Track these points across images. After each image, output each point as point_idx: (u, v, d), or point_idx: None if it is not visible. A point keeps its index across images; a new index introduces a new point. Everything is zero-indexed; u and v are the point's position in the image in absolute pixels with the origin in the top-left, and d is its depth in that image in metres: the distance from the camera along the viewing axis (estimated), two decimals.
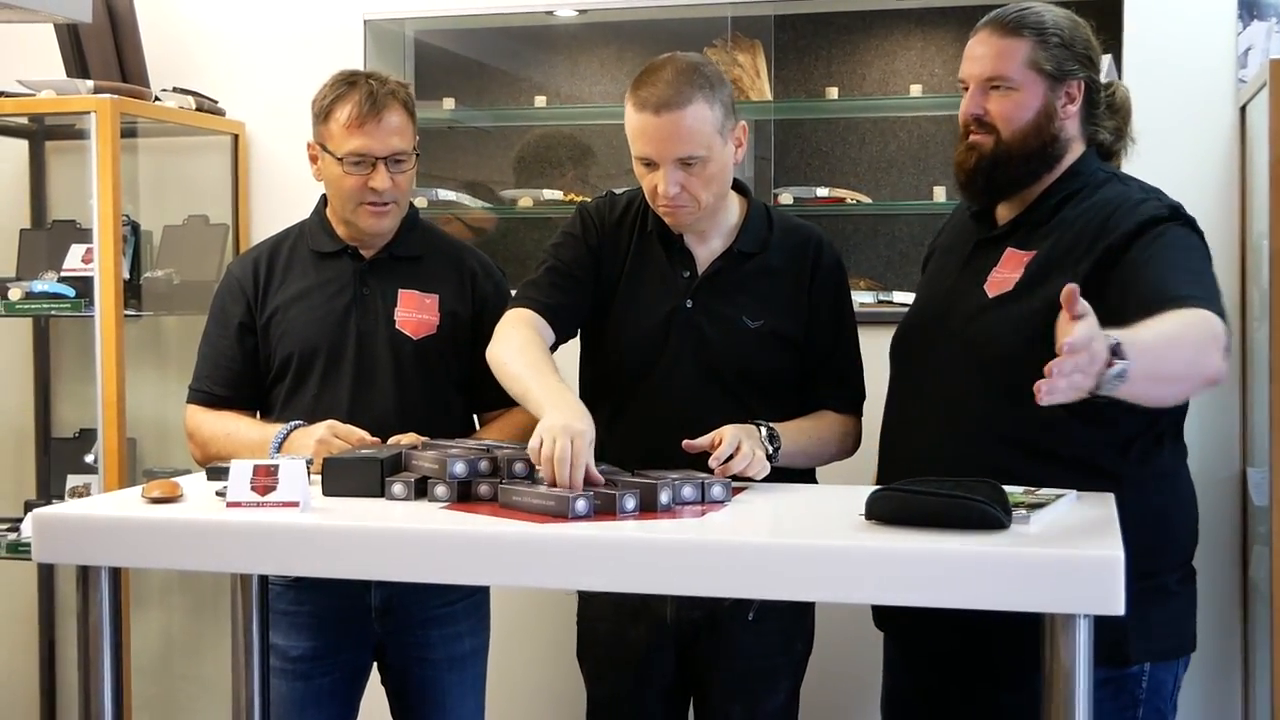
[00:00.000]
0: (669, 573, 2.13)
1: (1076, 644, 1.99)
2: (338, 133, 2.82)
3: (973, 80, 2.59)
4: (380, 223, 2.87)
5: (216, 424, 2.89)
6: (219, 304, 2.98)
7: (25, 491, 4.21)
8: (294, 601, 2.86)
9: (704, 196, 2.66)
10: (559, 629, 3.45)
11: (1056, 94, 2.55)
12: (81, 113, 3.71)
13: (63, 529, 2.35)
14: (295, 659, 2.87)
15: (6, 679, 4.32)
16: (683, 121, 2.60)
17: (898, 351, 2.78)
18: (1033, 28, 2.54)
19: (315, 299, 2.90)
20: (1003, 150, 2.55)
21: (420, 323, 2.91)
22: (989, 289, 2.56)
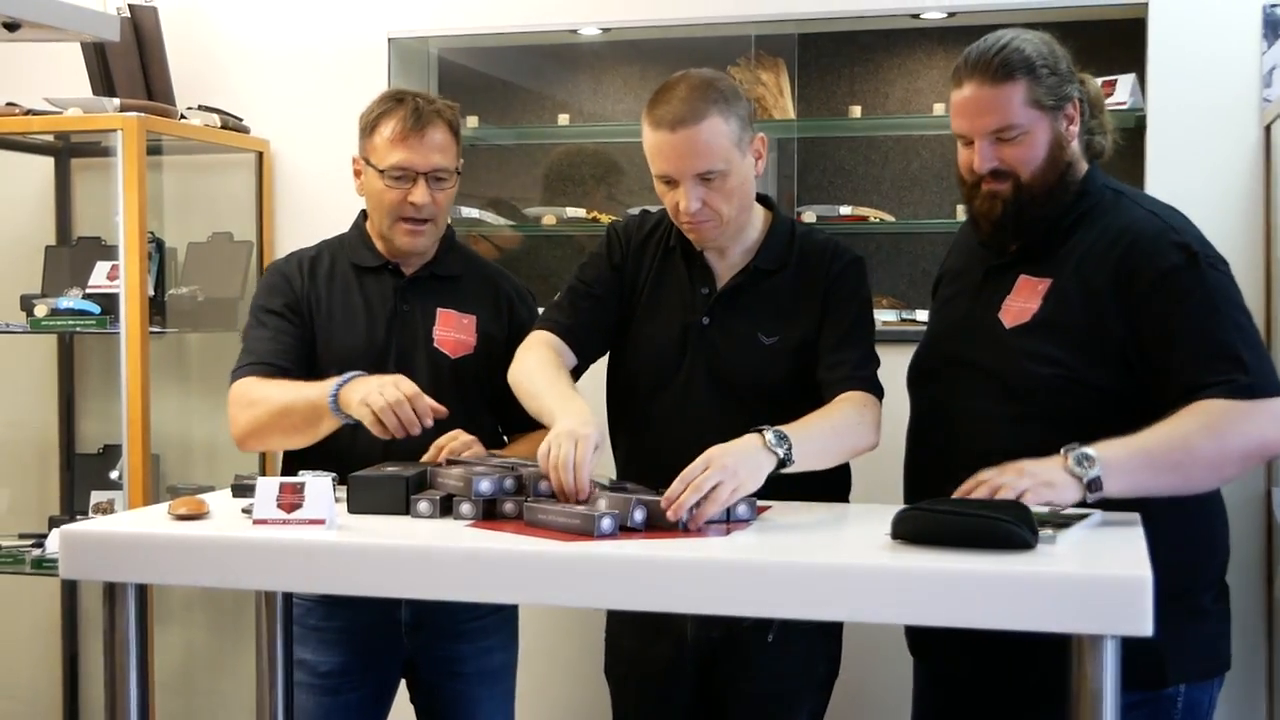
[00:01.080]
0: (692, 592, 2.13)
1: (1104, 665, 1.98)
2: (381, 146, 2.84)
3: (978, 134, 2.52)
4: (416, 241, 2.88)
5: (271, 386, 2.80)
6: (265, 296, 2.95)
7: (49, 507, 4.22)
8: (324, 617, 2.86)
9: (726, 210, 2.65)
10: (587, 643, 3.46)
11: (1059, 122, 2.52)
12: (108, 130, 3.73)
13: (90, 546, 2.36)
14: (324, 674, 2.86)
15: (29, 693, 4.33)
16: (699, 137, 2.59)
17: (916, 379, 2.77)
18: (1022, 66, 2.48)
19: (356, 313, 2.90)
20: (1025, 194, 2.52)
21: (458, 342, 2.92)
22: (1005, 318, 2.54)
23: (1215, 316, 2.39)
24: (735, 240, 2.75)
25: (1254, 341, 2.41)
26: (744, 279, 2.75)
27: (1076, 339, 2.47)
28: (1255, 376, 2.35)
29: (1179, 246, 2.44)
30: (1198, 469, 2.34)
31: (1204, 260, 2.43)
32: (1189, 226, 2.51)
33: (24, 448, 4.33)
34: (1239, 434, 2.32)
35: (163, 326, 3.97)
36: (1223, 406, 2.33)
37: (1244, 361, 2.35)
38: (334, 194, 4.01)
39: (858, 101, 4.14)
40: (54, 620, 4.28)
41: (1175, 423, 2.32)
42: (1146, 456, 2.29)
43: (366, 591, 2.57)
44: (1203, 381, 2.35)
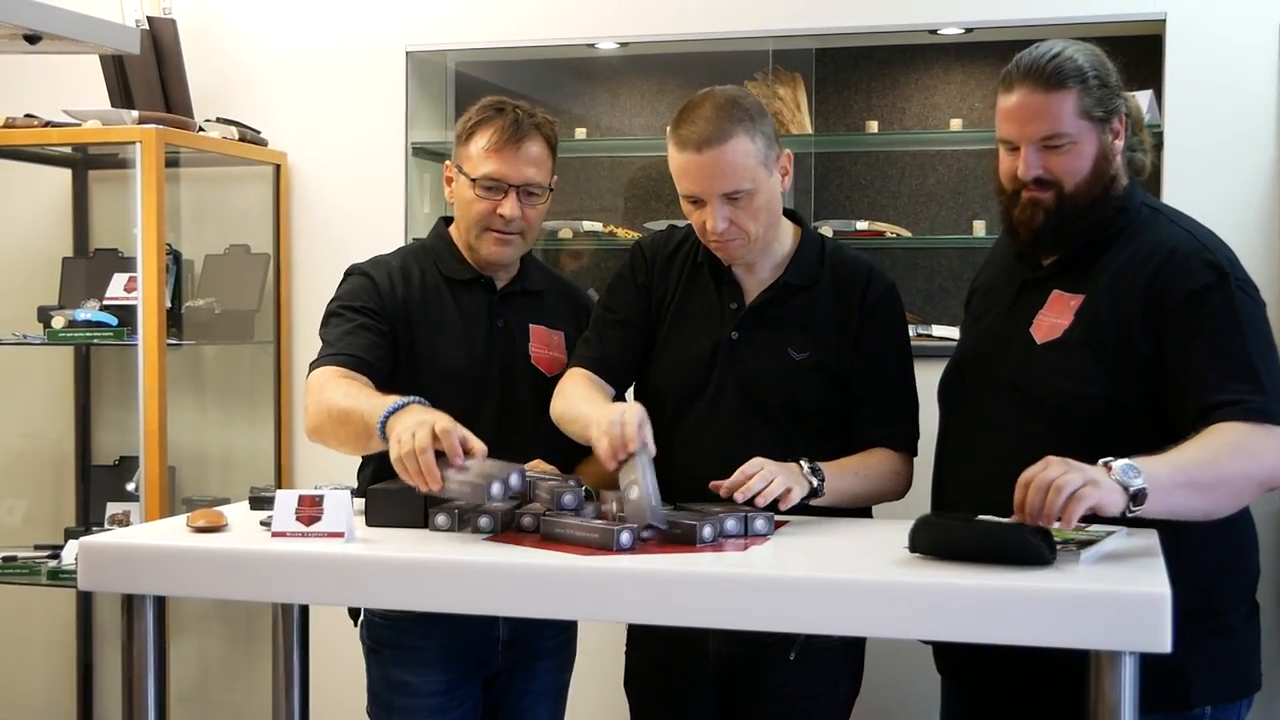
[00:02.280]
0: (714, 606, 2.12)
1: (1122, 682, 1.98)
2: (475, 155, 2.80)
3: (1025, 141, 2.50)
4: (503, 251, 2.83)
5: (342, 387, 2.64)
6: (349, 297, 2.82)
7: (65, 519, 4.24)
8: (423, 636, 2.78)
9: (753, 229, 2.65)
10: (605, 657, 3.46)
11: (1106, 134, 2.50)
12: (126, 143, 3.74)
13: (108, 558, 2.36)
14: (430, 694, 2.79)
15: (45, 705, 4.34)
16: (725, 157, 2.58)
17: (946, 393, 2.75)
18: (1074, 75, 2.46)
19: (455, 327, 2.85)
20: (1068, 203, 2.49)
21: (553, 360, 2.89)
22: (1037, 333, 2.52)
23: (1238, 338, 2.37)
24: (764, 256, 2.74)
25: (1273, 367, 2.38)
26: (773, 294, 2.74)
27: (1107, 357, 2.45)
28: (1272, 401, 2.33)
29: (1210, 266, 2.41)
30: (1224, 493, 2.30)
31: (1234, 282, 2.41)
32: (1223, 248, 2.48)
33: (40, 459, 4.34)
34: (1260, 461, 2.29)
35: (179, 338, 3.98)
36: (1246, 430, 2.30)
37: (1261, 384, 2.33)
38: (351, 206, 4.05)
39: (875, 117, 4.14)
40: (69, 631, 4.29)
41: (1205, 444, 2.29)
42: (1185, 476, 2.25)
43: (384, 604, 2.60)
44: (1217, 400, 2.33)
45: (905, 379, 2.78)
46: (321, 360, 2.73)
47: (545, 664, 2.94)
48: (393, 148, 4.02)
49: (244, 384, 4.20)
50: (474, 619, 2.74)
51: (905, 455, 2.75)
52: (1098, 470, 2.19)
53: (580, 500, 2.44)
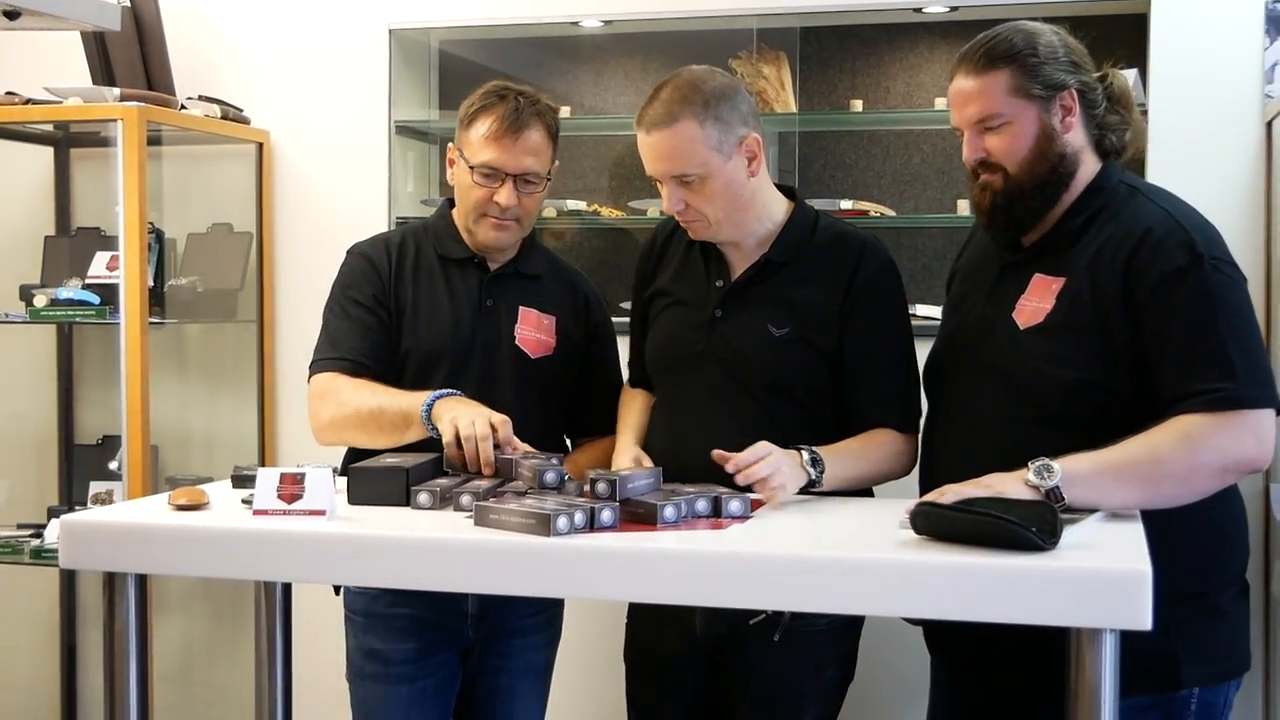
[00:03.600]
0: (699, 585, 2.13)
1: (1103, 660, 1.98)
2: (475, 142, 2.81)
3: (965, 125, 2.52)
4: (500, 236, 2.85)
5: (363, 389, 2.76)
6: (350, 283, 2.89)
7: (48, 497, 4.23)
8: (391, 604, 2.83)
9: (710, 212, 2.67)
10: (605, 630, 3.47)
11: (1051, 112, 2.48)
12: (108, 120, 3.72)
13: (90, 535, 2.36)
14: (399, 662, 2.83)
15: (28, 683, 4.34)
16: (669, 141, 2.63)
17: (929, 377, 2.75)
18: (1004, 55, 2.47)
19: (442, 306, 2.87)
20: (1014, 185, 2.49)
21: (539, 343, 2.90)
22: (1019, 318, 2.51)
23: (1211, 321, 2.35)
24: (744, 235, 2.75)
25: (1249, 348, 2.36)
26: (755, 271, 2.75)
27: (1089, 341, 2.44)
28: (1243, 386, 2.31)
29: (1184, 246, 2.39)
30: (1167, 483, 2.31)
31: (1208, 262, 2.37)
32: (1202, 226, 2.45)
33: (23, 438, 4.33)
34: (1212, 449, 2.29)
35: (162, 317, 3.97)
36: (1199, 422, 2.30)
37: (1234, 369, 2.32)
38: (334, 185, 4.04)
39: (859, 95, 4.13)
40: (53, 611, 4.29)
41: (1148, 437, 2.31)
42: (1113, 470, 2.28)
43: (366, 582, 2.61)
44: (1188, 390, 2.33)
45: (903, 358, 2.77)
46: (323, 363, 2.83)
47: (523, 641, 2.95)
48: (376, 126, 4.01)
49: (227, 363, 4.19)
50: (442, 592, 2.75)
51: (907, 435, 2.74)
52: (1011, 479, 2.27)
53: (561, 479, 2.44)
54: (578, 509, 2.22)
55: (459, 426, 2.53)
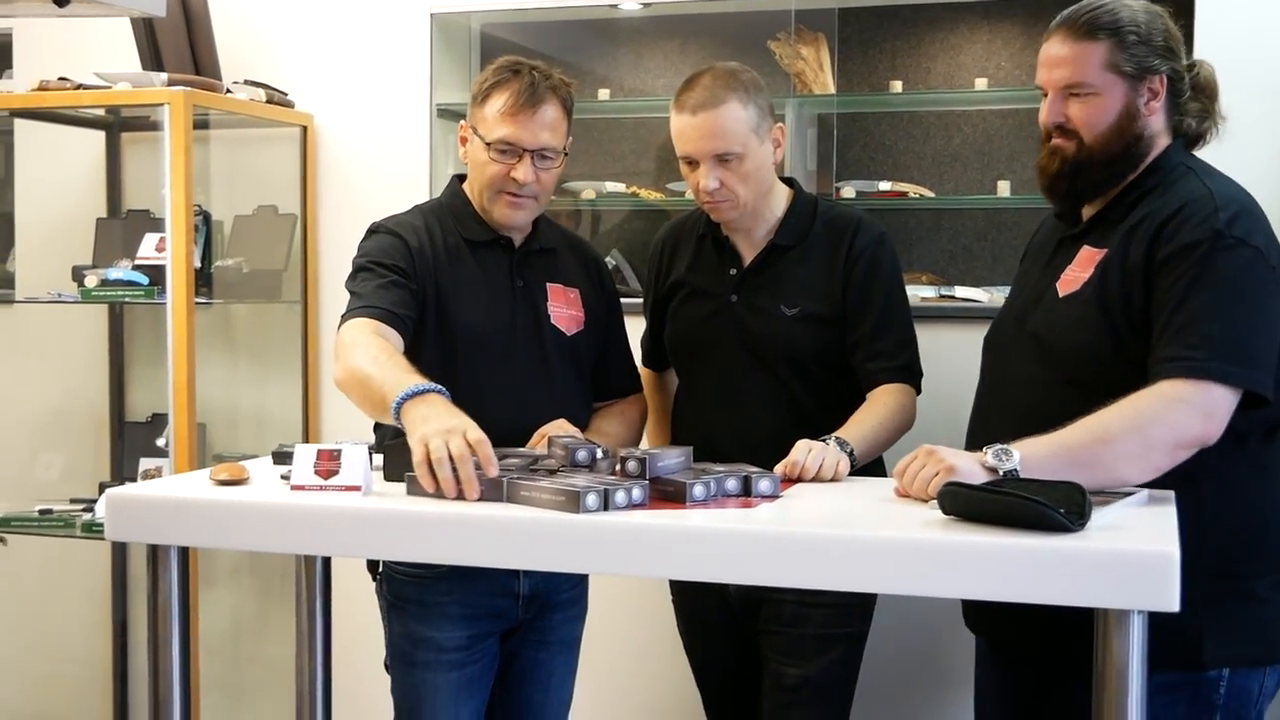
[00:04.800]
0: (739, 564, 2.16)
1: (1130, 640, 1.99)
2: (490, 118, 2.79)
3: (1051, 87, 2.54)
4: (515, 214, 2.84)
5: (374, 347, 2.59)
6: (377, 253, 2.80)
7: (100, 473, 4.31)
8: (444, 592, 2.81)
9: (742, 192, 2.85)
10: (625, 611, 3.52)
11: (1139, 93, 2.50)
12: (156, 105, 3.77)
13: (134, 509, 2.42)
14: (452, 649, 2.83)
15: (82, 655, 4.42)
16: (717, 120, 2.79)
17: (986, 346, 2.77)
18: (1107, 28, 2.48)
19: (478, 289, 2.86)
20: (1085, 155, 2.51)
21: (571, 318, 2.92)
22: (1061, 287, 2.54)
23: (1206, 294, 2.34)
24: (756, 222, 2.95)
25: (1240, 326, 2.34)
26: (765, 256, 2.94)
27: (1113, 309, 2.45)
28: (1216, 359, 2.31)
29: (1207, 223, 2.38)
30: (1121, 462, 2.30)
31: (1226, 239, 2.36)
32: (1239, 207, 2.43)
33: (76, 415, 4.41)
34: (1163, 425, 2.29)
35: (209, 297, 4.03)
36: (1151, 398, 2.31)
37: (1214, 341, 2.31)
38: (377, 167, 4.09)
39: (899, 76, 4.14)
40: (104, 585, 4.36)
41: (1103, 416, 2.31)
42: (1067, 454, 2.29)
43: (400, 556, 2.65)
44: (1165, 354, 2.34)
45: (897, 316, 2.93)
46: (353, 312, 2.71)
47: (560, 615, 2.99)
48: (418, 109, 4.05)
49: (272, 342, 4.24)
50: (495, 574, 2.80)
51: (907, 388, 2.89)
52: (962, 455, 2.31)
53: (594, 457, 2.47)
54: (612, 487, 2.25)
55: (430, 447, 2.30)
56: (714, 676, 3.15)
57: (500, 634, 2.92)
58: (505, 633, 2.93)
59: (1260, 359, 2.35)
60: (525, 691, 2.99)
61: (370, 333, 2.64)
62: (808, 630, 2.89)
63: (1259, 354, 2.35)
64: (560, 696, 3.04)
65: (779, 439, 2.65)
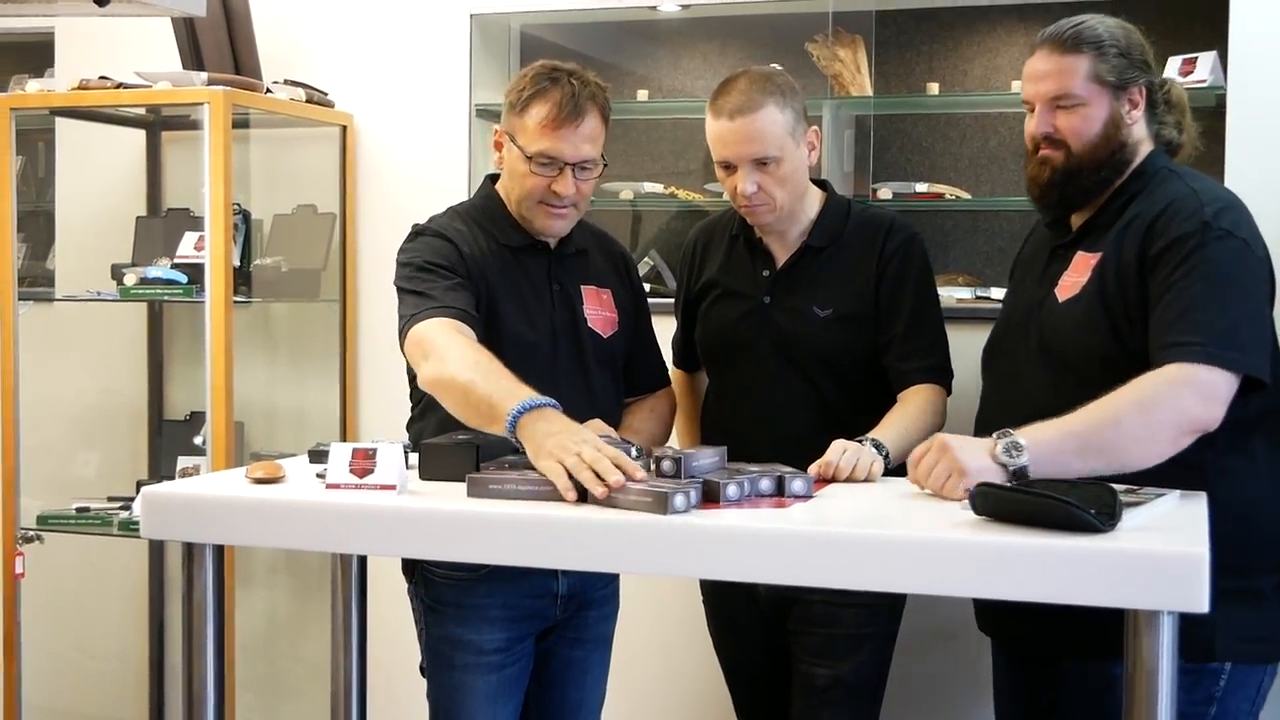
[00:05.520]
0: (771, 563, 2.16)
1: (1160, 641, 1.99)
2: (531, 129, 2.74)
3: (1039, 100, 2.63)
4: (556, 224, 2.83)
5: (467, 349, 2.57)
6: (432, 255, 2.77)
7: (138, 471, 4.33)
8: (484, 595, 2.80)
9: (779, 195, 2.86)
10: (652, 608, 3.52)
11: (1121, 102, 2.60)
12: (196, 104, 3.79)
13: (170, 506, 2.43)
14: (491, 651, 2.82)
15: (119, 653, 4.45)
16: (755, 124, 2.80)
17: (986, 359, 2.83)
18: (1090, 42, 2.58)
19: (525, 293, 2.85)
20: (1074, 163, 2.60)
21: (606, 320, 2.93)
22: (1060, 293, 2.61)
23: (1199, 282, 2.41)
24: (791, 224, 2.96)
25: (1234, 312, 2.40)
26: (798, 257, 2.96)
27: (1113, 308, 2.51)
28: (1213, 344, 2.36)
29: (1195, 216, 2.47)
30: (1129, 446, 2.34)
31: (1215, 230, 2.44)
32: (1224, 202, 2.52)
33: (115, 413, 4.43)
34: (1168, 409, 2.34)
35: (248, 296, 4.05)
36: (1154, 382, 2.36)
37: (1211, 327, 2.37)
38: (416, 167, 4.10)
39: (936, 78, 4.13)
40: (142, 583, 4.39)
41: (1108, 401, 2.35)
42: (1077, 440, 2.34)
43: (434, 555, 2.65)
44: (1164, 341, 2.40)
45: (929, 316, 2.95)
46: (430, 311, 2.65)
47: (595, 614, 2.99)
48: (457, 109, 4.05)
49: (311, 341, 4.26)
50: (535, 575, 2.80)
51: (938, 388, 2.91)
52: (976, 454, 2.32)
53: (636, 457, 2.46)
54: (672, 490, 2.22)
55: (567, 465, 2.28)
56: (744, 677, 3.16)
57: (536, 634, 2.92)
58: (541, 633, 2.93)
59: (1255, 344, 2.42)
60: (561, 689, 3.00)
61: (457, 333, 2.61)
62: (838, 630, 2.90)
63: (1254, 340, 2.42)
64: (595, 694, 3.05)
65: (810, 439, 2.66)
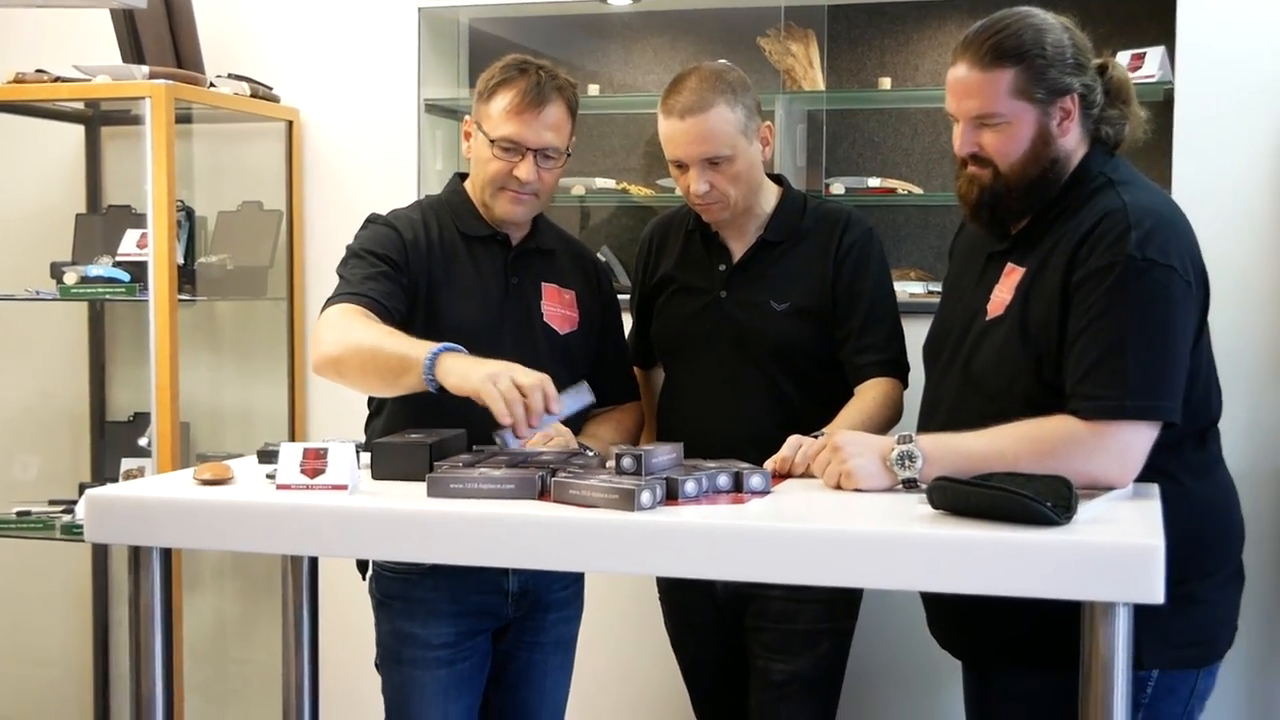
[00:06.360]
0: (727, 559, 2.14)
1: (1116, 633, 1.99)
2: (495, 115, 2.80)
3: (962, 117, 2.48)
4: (516, 210, 2.84)
5: (371, 323, 2.62)
6: (371, 242, 2.80)
7: (80, 474, 4.26)
8: (431, 589, 2.81)
9: (732, 193, 2.86)
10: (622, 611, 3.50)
11: (1050, 115, 2.43)
12: (137, 98, 3.73)
13: (115, 510, 2.39)
14: (439, 646, 2.82)
15: (61, 659, 4.38)
16: (706, 124, 2.79)
17: (925, 360, 2.75)
18: (1012, 55, 2.41)
19: (470, 284, 2.86)
20: (1002, 184, 2.46)
21: (564, 318, 2.93)
22: (990, 309, 2.51)
23: (1119, 323, 2.30)
24: (747, 219, 2.96)
25: (1153, 357, 2.29)
26: (755, 252, 2.96)
27: (1032, 335, 2.41)
28: (1131, 396, 2.27)
29: (1119, 244, 2.32)
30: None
31: (1139, 263, 2.30)
32: (1154, 223, 2.35)
33: (55, 415, 4.36)
34: (1069, 471, 2.19)
35: (192, 295, 3.99)
36: (1066, 433, 2.28)
37: (1126, 377, 2.27)
38: (364, 163, 4.06)
39: (888, 73, 4.12)
40: (85, 587, 4.32)
41: (1013, 439, 2.30)
42: (970, 465, 2.26)
43: (387, 556, 2.62)
44: (1077, 390, 2.31)
45: (886, 310, 2.95)
46: (341, 297, 2.70)
47: (554, 615, 2.97)
48: (405, 104, 4.01)
49: (257, 340, 4.21)
50: (483, 572, 2.79)
51: (895, 381, 2.92)
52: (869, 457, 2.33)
53: (589, 465, 2.46)
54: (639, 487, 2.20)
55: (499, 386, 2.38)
56: (702, 674, 3.15)
57: (491, 632, 2.91)
58: (497, 632, 2.92)
59: (1172, 389, 2.31)
60: (521, 693, 2.98)
61: (361, 316, 2.64)
62: (796, 626, 2.89)
63: (1172, 384, 2.31)
64: (556, 698, 3.03)
65: (767, 434, 2.65)
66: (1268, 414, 3.34)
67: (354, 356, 2.57)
